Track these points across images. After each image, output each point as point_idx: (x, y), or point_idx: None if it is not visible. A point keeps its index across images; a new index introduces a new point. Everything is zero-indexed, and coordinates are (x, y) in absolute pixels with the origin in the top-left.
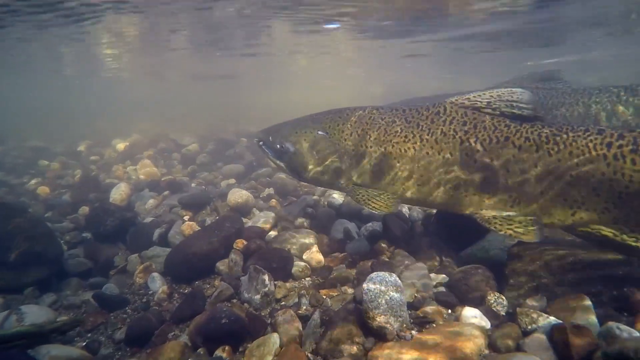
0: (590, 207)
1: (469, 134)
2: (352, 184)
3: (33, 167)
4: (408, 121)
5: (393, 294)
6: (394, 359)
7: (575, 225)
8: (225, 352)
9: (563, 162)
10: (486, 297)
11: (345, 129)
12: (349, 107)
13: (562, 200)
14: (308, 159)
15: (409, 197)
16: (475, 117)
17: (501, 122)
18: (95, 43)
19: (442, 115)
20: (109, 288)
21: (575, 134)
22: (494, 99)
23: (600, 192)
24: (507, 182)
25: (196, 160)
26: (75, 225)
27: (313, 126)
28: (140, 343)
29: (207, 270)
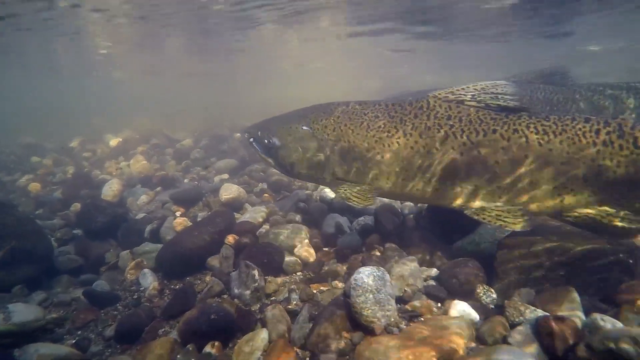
0: (579, 193)
1: (454, 127)
2: (336, 178)
3: (25, 163)
4: (391, 116)
5: (381, 288)
6: (380, 353)
7: (563, 210)
8: (214, 348)
9: (553, 151)
10: (475, 290)
11: (328, 124)
12: (333, 102)
13: (552, 189)
14: (293, 154)
15: (396, 192)
16: (460, 111)
17: (487, 115)
18: (89, 38)
19: (426, 110)
20: (100, 285)
21: (564, 123)
22: (478, 92)
23: (588, 177)
24: (496, 173)
25: (190, 155)
26: (66, 222)
27: (298, 121)
28: (131, 340)
29: (198, 266)
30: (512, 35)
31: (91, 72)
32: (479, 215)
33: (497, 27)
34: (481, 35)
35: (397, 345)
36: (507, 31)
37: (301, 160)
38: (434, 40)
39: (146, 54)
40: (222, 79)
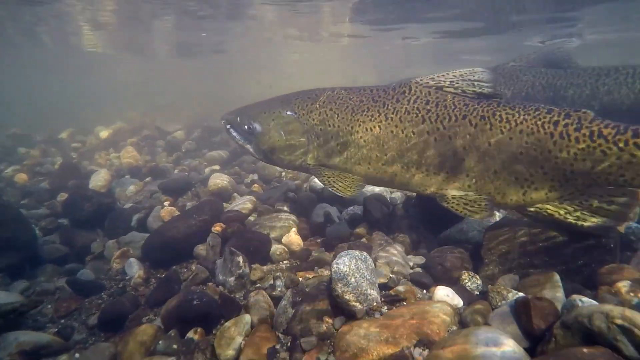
0: (539, 186)
1: (430, 112)
2: (319, 164)
3: (12, 154)
4: (375, 100)
5: (363, 273)
6: (361, 336)
7: (526, 204)
8: (197, 334)
9: (514, 140)
10: (461, 276)
11: (313, 109)
12: (318, 88)
13: (514, 179)
14: (275, 139)
15: (375, 177)
16: (438, 96)
17: (461, 101)
18: (72, 19)
19: (407, 95)
20: (84, 274)
21: (526, 113)
22: (457, 78)
23: (547, 170)
24: (465, 160)
25: (182, 147)
26: (51, 212)
27: (282, 106)
28: (114, 328)
29: (185, 255)
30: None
31: (77, 53)
32: (449, 203)
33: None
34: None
35: (377, 328)
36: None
37: (283, 145)
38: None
39: (134, 36)
40: (216, 71)
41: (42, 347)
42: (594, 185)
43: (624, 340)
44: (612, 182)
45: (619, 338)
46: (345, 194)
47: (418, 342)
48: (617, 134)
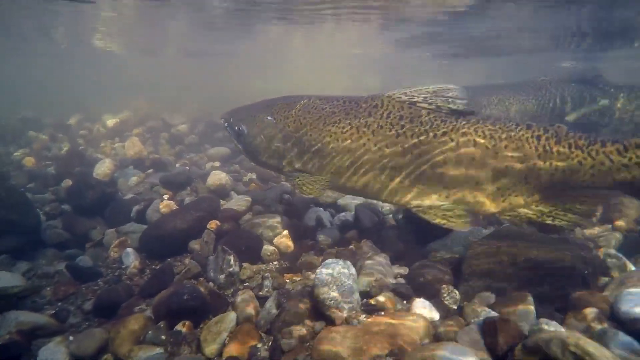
0: (520, 194)
1: (405, 127)
2: (294, 169)
3: (22, 137)
4: (347, 112)
5: (345, 281)
6: (337, 342)
7: (504, 210)
8: (185, 327)
9: (499, 154)
10: (440, 290)
11: (290, 116)
12: (297, 95)
13: (496, 189)
14: (258, 142)
15: (347, 186)
16: (412, 112)
17: (437, 117)
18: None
19: (380, 109)
20: (83, 260)
21: (509, 129)
22: (430, 94)
23: (530, 180)
24: (443, 174)
25: (185, 141)
26: (56, 197)
27: (264, 111)
28: (107, 314)
29: (180, 249)
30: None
31: (90, 49)
32: (426, 214)
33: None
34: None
35: (353, 336)
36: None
37: (264, 148)
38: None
39: (147, 33)
40: (224, 68)
41: (39, 328)
42: (567, 190)
43: None
44: (584, 187)
45: None
46: (310, 194)
47: (390, 352)
48: (590, 145)
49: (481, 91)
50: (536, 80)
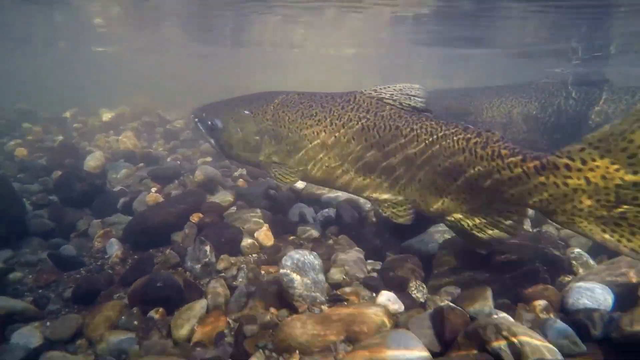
0: (454, 197)
1: (369, 121)
2: (271, 161)
3: (16, 129)
4: (323, 107)
5: (309, 271)
6: (297, 328)
7: (445, 213)
8: (158, 314)
9: (436, 154)
10: (409, 284)
11: (267, 110)
12: (275, 91)
13: (434, 189)
14: (233, 136)
15: (318, 178)
16: (378, 107)
17: (396, 113)
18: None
19: (352, 103)
20: (67, 249)
21: (447, 129)
22: (396, 92)
23: (460, 183)
24: (396, 169)
25: (179, 136)
26: (44, 188)
27: (241, 105)
28: (87, 302)
29: (163, 240)
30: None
31: (90, 48)
32: (380, 207)
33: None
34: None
35: (313, 323)
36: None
37: (240, 142)
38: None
39: (143, 33)
40: (223, 63)
41: (16, 313)
42: (495, 201)
43: (507, 350)
44: (507, 199)
45: (503, 348)
46: (286, 184)
47: (345, 338)
48: (511, 156)
49: (483, 93)
50: (539, 82)
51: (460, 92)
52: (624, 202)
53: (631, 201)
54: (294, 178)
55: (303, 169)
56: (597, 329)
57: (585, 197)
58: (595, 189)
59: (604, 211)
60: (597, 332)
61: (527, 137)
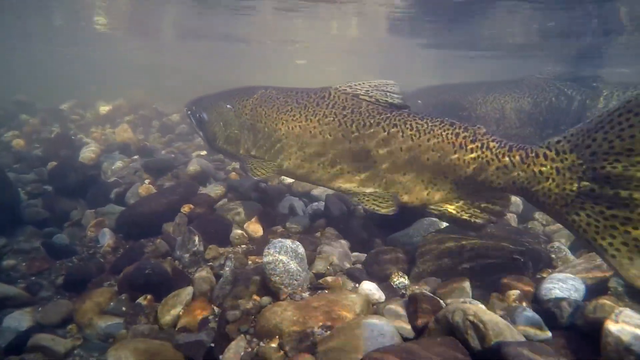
0: (441, 188)
1: (346, 117)
2: (249, 155)
3: (13, 120)
4: (298, 102)
5: (291, 260)
6: (278, 314)
7: (429, 203)
8: (146, 300)
9: (422, 147)
10: (391, 275)
11: (247, 105)
12: (256, 86)
13: (420, 181)
14: (217, 129)
15: (295, 172)
16: (354, 103)
17: (375, 109)
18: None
19: (327, 100)
20: (60, 238)
21: (434, 124)
22: (372, 88)
23: (448, 175)
24: (376, 162)
25: (175, 130)
26: (39, 178)
27: (224, 100)
28: (78, 289)
29: (154, 230)
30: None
31: (89, 44)
32: (359, 199)
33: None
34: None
35: (293, 309)
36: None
37: (222, 135)
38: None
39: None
40: (224, 58)
41: (8, 298)
42: (482, 189)
43: (472, 334)
44: (494, 187)
45: (469, 332)
46: (260, 177)
47: (323, 324)
48: (499, 148)
49: (477, 88)
50: (531, 78)
51: (454, 88)
52: (583, 194)
53: (589, 193)
54: (266, 171)
55: (279, 163)
56: (565, 317)
57: (554, 185)
58: (561, 179)
59: (568, 200)
60: (565, 320)
61: (519, 133)
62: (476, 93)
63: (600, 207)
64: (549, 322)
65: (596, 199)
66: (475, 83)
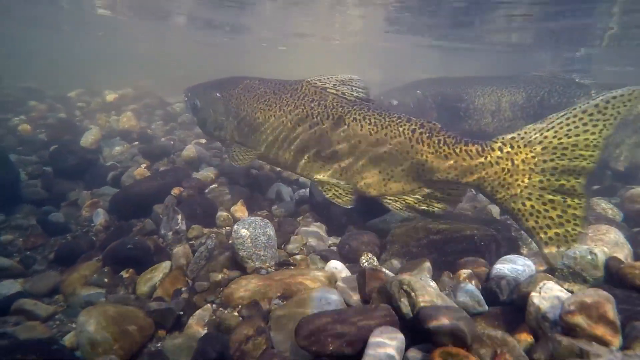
0: (397, 180)
1: (313, 109)
2: (234, 141)
3: (22, 106)
4: (275, 93)
5: (260, 236)
6: (242, 285)
7: (387, 194)
8: (127, 273)
9: (380, 142)
10: (360, 256)
11: (233, 94)
12: (242, 76)
13: (378, 173)
14: (207, 115)
15: (273, 159)
16: (321, 96)
17: (339, 102)
18: None
19: (299, 92)
20: (56, 216)
21: (391, 119)
22: (339, 82)
23: (405, 167)
24: (339, 154)
25: (178, 119)
26: (40, 160)
27: (215, 88)
28: (68, 263)
29: (145, 211)
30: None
31: (95, 32)
32: (322, 187)
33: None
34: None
35: (256, 282)
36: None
37: (212, 122)
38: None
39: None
40: (232, 50)
41: (2, 269)
42: (438, 181)
43: (405, 301)
44: (450, 179)
45: (402, 299)
46: (238, 164)
47: (281, 295)
48: (456, 143)
49: (476, 81)
50: (527, 75)
51: (453, 80)
52: (532, 185)
53: (537, 184)
54: (246, 159)
55: (258, 149)
56: (504, 294)
57: (508, 175)
58: (515, 170)
59: (518, 190)
60: (505, 297)
61: (512, 125)
62: (475, 86)
63: (543, 199)
64: (492, 299)
65: (542, 190)
66: (474, 77)
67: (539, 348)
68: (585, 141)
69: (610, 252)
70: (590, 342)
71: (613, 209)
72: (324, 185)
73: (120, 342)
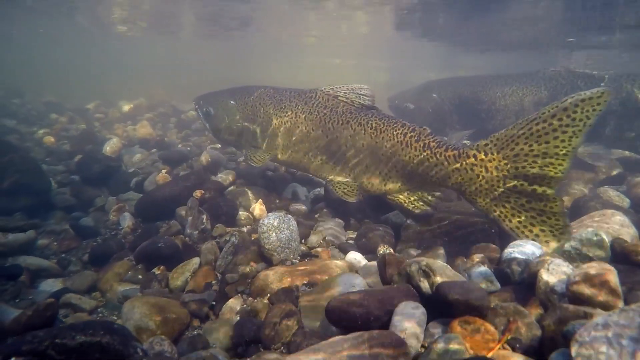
0: (394, 180)
1: (326, 115)
2: (249, 145)
3: (44, 119)
4: (291, 101)
5: (284, 230)
6: (269, 275)
7: (386, 193)
8: (159, 270)
9: (379, 145)
10: (377, 248)
11: (248, 102)
12: (256, 85)
13: (378, 174)
14: (222, 122)
15: (287, 161)
16: (333, 103)
17: (347, 109)
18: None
19: (313, 99)
20: (85, 221)
21: (389, 124)
22: (349, 91)
23: (398, 169)
24: (346, 156)
25: (192, 126)
26: (67, 169)
27: (229, 96)
28: (101, 263)
29: (169, 213)
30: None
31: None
32: (333, 187)
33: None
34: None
35: (282, 271)
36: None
37: (226, 128)
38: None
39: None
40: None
41: (43, 270)
42: (425, 183)
43: (425, 281)
44: (434, 181)
45: (421, 279)
46: (256, 164)
47: (307, 282)
48: (437, 147)
49: (494, 81)
50: (546, 71)
51: (470, 81)
52: (508, 189)
53: (512, 189)
54: (262, 159)
55: (273, 153)
56: (516, 275)
57: (484, 182)
58: (490, 176)
59: (495, 194)
60: (516, 277)
61: None
62: (495, 86)
63: (521, 200)
64: (504, 280)
65: (518, 194)
66: (490, 76)
67: (547, 316)
68: (555, 149)
69: (616, 234)
70: (594, 308)
71: (620, 196)
72: (335, 184)
73: (162, 329)
